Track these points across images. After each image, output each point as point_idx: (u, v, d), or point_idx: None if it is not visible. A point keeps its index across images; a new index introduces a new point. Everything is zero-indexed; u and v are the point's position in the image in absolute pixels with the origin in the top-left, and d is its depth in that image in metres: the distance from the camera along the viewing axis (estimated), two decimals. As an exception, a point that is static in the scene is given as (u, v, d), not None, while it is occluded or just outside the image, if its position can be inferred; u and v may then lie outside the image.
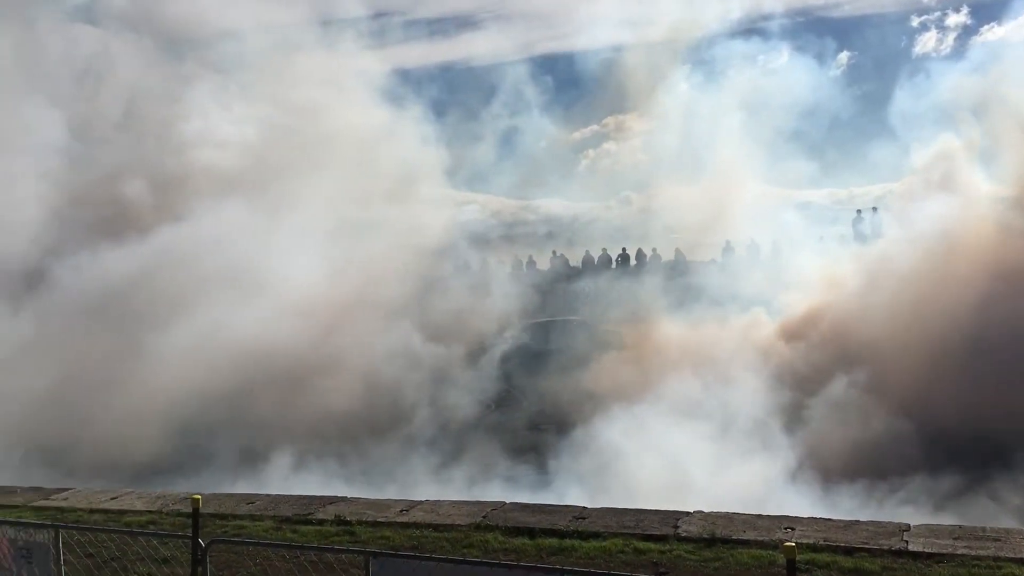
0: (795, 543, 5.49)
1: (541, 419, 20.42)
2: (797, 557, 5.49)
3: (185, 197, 23.32)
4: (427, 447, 19.25)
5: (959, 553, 8.33)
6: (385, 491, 14.81)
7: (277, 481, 16.18)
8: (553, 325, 26.88)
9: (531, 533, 9.58)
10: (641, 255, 33.19)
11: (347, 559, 7.97)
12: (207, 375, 19.63)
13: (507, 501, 11.05)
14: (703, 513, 9.99)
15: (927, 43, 45.42)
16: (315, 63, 27.63)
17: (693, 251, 32.01)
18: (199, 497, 6.93)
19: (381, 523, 10.26)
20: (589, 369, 21.99)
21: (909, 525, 9.32)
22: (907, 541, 8.71)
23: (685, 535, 9.24)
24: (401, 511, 10.70)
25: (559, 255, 37.01)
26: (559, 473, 17.19)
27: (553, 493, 15.56)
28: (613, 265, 33.57)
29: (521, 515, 10.25)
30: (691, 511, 10.10)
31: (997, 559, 8.13)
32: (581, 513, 10.21)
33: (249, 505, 11.26)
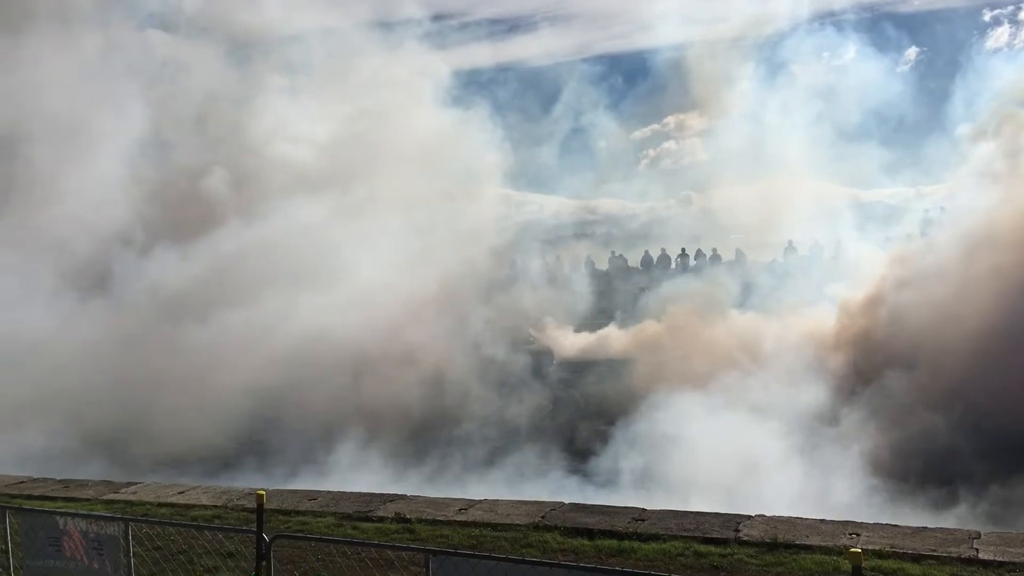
0: (861, 549, 5.37)
1: (598, 419, 20.30)
2: (863, 563, 5.38)
3: (259, 194, 24.00)
4: (485, 446, 19.30)
5: (1033, 562, 8.09)
6: (444, 489, 14.89)
7: (338, 476, 16.38)
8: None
9: (590, 534, 9.55)
10: (700, 255, 32.90)
11: (407, 557, 8.05)
12: (273, 369, 20.11)
13: (566, 501, 11.04)
14: (765, 517, 9.85)
15: (999, 38, 44.05)
16: (378, 65, 28.05)
17: (754, 251, 31.64)
18: (264, 493, 7.04)
19: (440, 521, 10.33)
20: (646, 369, 21.85)
21: (980, 532, 9.08)
22: (977, 549, 8.46)
23: (746, 539, 9.12)
24: (460, 510, 10.76)
25: (618, 255, 36.90)
26: (616, 473, 17.09)
27: (612, 494, 15.48)
28: (673, 265, 33.33)
29: (580, 516, 10.22)
30: (752, 514, 9.97)
31: (1073, 569, 7.88)
32: (640, 515, 10.14)
33: (311, 501, 11.42)
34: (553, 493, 15.07)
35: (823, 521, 9.63)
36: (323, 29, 28.99)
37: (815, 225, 28.32)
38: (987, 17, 44.55)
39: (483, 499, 11.35)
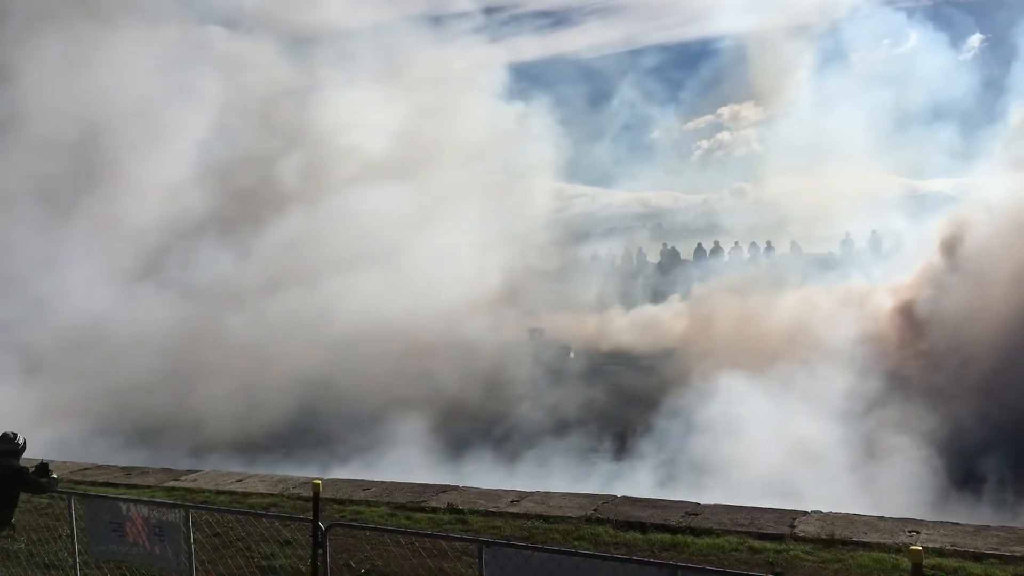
0: (921, 547, 5.27)
1: (649, 412, 20.15)
2: (923, 562, 5.27)
3: (322, 185, 24.55)
4: (536, 437, 19.29)
5: (1100, 563, 7.86)
6: (496, 480, 14.92)
7: (391, 466, 16.50)
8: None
9: (642, 527, 9.52)
10: (754, 247, 32.49)
11: (460, 547, 8.10)
12: (330, 356, 20.50)
13: (618, 495, 11.00)
14: (821, 513, 9.73)
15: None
16: (435, 58, 28.31)
17: (809, 243, 31.17)
18: (319, 482, 7.14)
19: (492, 513, 10.37)
20: (695, 363, 21.66)
21: (1045, 531, 8.86)
22: (1042, 548, 8.26)
23: (802, 535, 9.02)
24: (512, 501, 10.79)
25: (670, 248, 36.64)
26: (667, 466, 16.96)
27: (662, 487, 15.37)
28: (726, 258, 32.96)
29: (632, 509, 10.19)
30: (808, 510, 9.85)
31: None
32: (694, 509, 10.08)
33: (365, 491, 11.55)
34: (604, 486, 15.01)
35: (881, 518, 9.47)
36: (379, 23, 29.33)
37: (873, 216, 27.75)
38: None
39: (535, 491, 11.37)
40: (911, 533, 8.85)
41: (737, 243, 33.35)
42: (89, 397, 18.93)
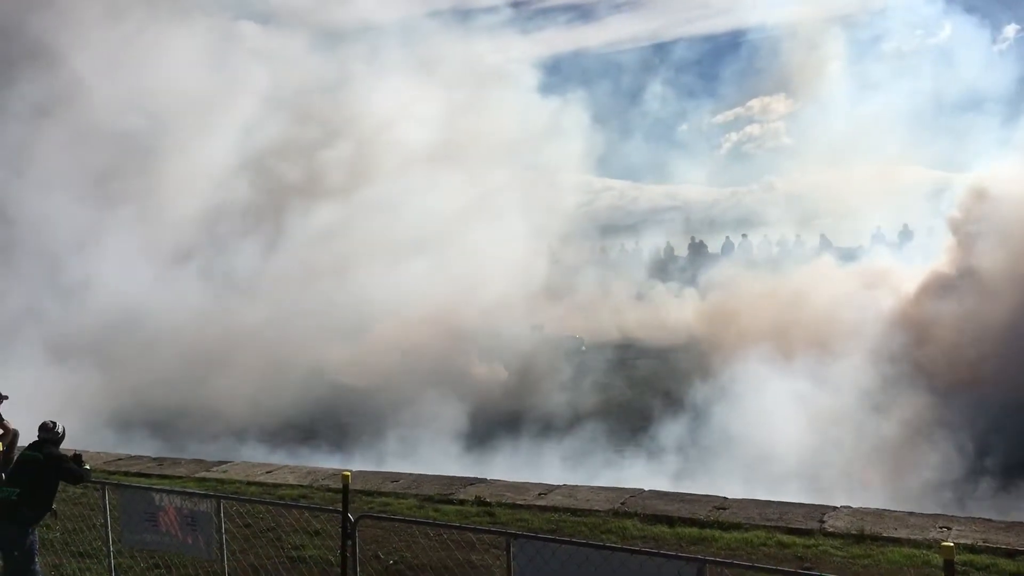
0: (953, 543, 5.23)
1: (676, 406, 20.07)
2: (955, 558, 5.23)
3: (358, 177, 24.87)
4: (563, 431, 19.29)
5: None
6: (522, 473, 14.95)
7: (419, 457, 16.58)
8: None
9: (670, 521, 9.50)
10: (783, 241, 32.25)
11: (488, 540, 8.13)
12: (356, 349, 20.72)
13: (645, 488, 10.98)
14: (851, 508, 9.66)
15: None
16: (466, 52, 28.46)
17: (839, 237, 30.87)
18: (349, 474, 7.20)
19: (520, 506, 10.40)
20: (718, 355, 21.56)
21: (1079, 528, 8.73)
22: (1076, 545, 8.16)
23: (832, 530, 8.96)
24: (539, 495, 10.81)
25: (697, 241, 36.47)
26: (694, 460, 16.89)
27: (691, 481, 15.31)
28: (754, 251, 32.75)
29: (660, 503, 10.18)
30: (838, 505, 9.79)
31: None
32: (722, 503, 10.05)
33: (393, 483, 11.62)
34: (626, 473, 14.99)
35: (911, 514, 9.40)
36: (409, 17, 29.57)
37: (905, 211, 27.43)
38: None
39: (562, 484, 11.38)
40: (942, 529, 8.77)
41: (766, 237, 33.14)
42: (119, 384, 19.24)
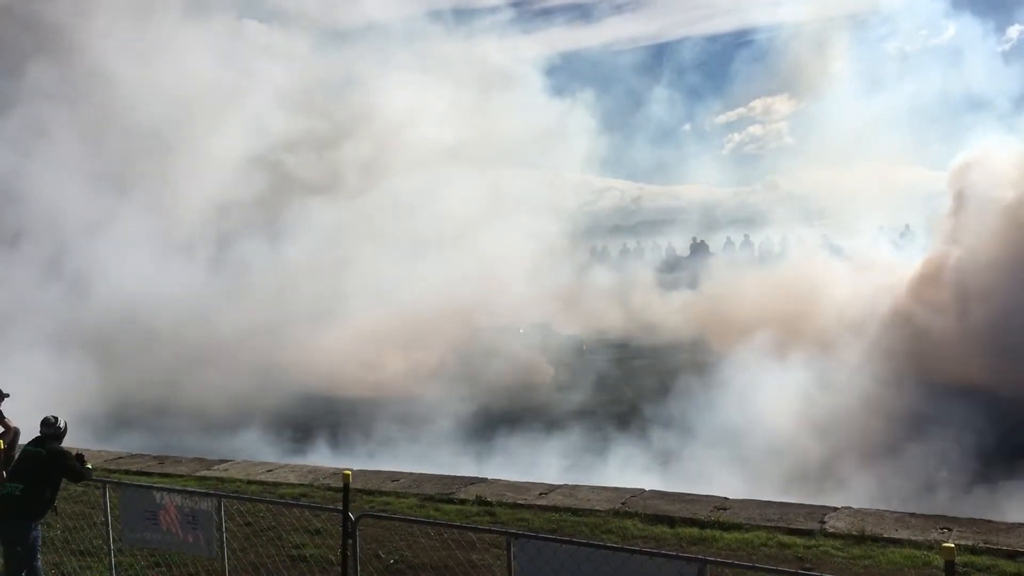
0: (954, 544, 5.22)
1: (676, 406, 20.06)
2: (956, 559, 5.22)
3: (367, 173, 25.10)
4: (563, 430, 19.30)
5: None
6: (523, 473, 14.96)
7: (416, 458, 16.59)
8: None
9: (671, 521, 9.49)
10: (785, 242, 32.24)
11: (489, 539, 8.13)
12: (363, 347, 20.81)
13: (646, 488, 10.98)
14: (851, 509, 9.66)
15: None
16: (470, 50, 28.56)
17: (841, 237, 30.83)
18: (350, 472, 7.21)
19: (520, 505, 10.40)
20: (723, 356, 21.59)
21: (1080, 529, 8.72)
22: (1077, 547, 8.14)
23: (832, 531, 8.95)
24: (540, 494, 10.81)
25: (699, 241, 36.49)
26: (695, 459, 16.89)
27: (691, 480, 15.30)
28: (755, 252, 32.77)
29: (661, 503, 10.17)
30: (839, 506, 9.78)
31: None
32: (722, 503, 10.05)
33: (394, 483, 11.61)
34: (626, 473, 14.99)
35: (912, 515, 9.39)
36: (415, 16, 29.73)
37: (907, 211, 27.45)
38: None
39: (563, 484, 11.38)
40: (943, 530, 8.76)
41: (767, 237, 33.15)
42: (119, 378, 19.31)
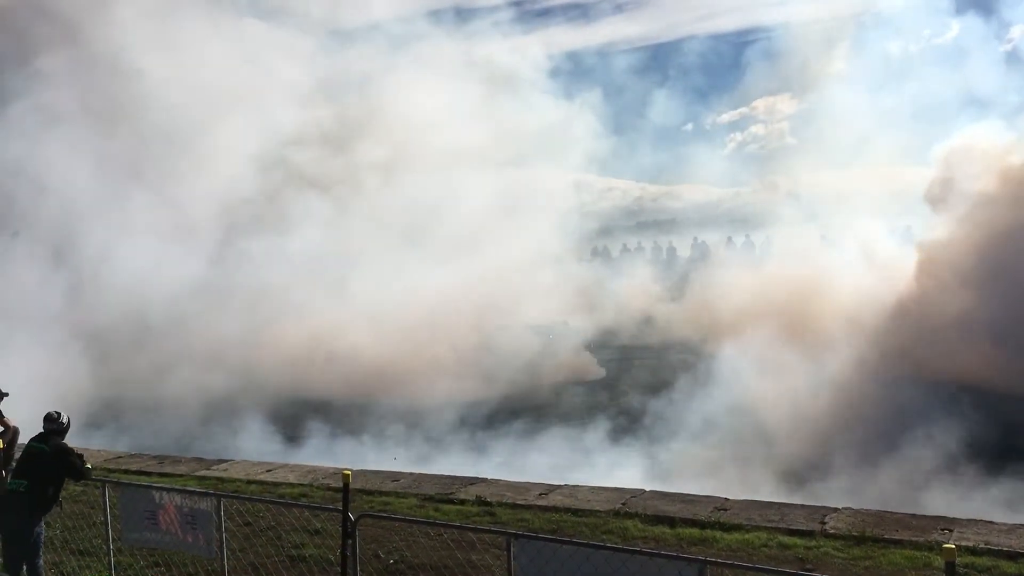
0: (954, 545, 5.20)
1: (675, 404, 20.04)
2: (957, 560, 5.20)
3: (374, 171, 25.34)
4: (564, 430, 19.28)
5: None
6: (523, 473, 14.95)
7: (417, 458, 16.58)
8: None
9: (671, 522, 9.48)
10: (786, 242, 32.20)
11: (489, 539, 8.11)
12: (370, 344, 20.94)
13: (647, 489, 10.96)
14: (852, 510, 9.64)
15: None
16: (471, 50, 28.62)
17: (842, 237, 30.79)
18: (349, 472, 7.19)
19: (520, 505, 10.38)
20: (723, 355, 21.56)
21: (1081, 530, 8.69)
22: (1078, 548, 8.12)
23: (833, 532, 8.94)
24: (540, 495, 10.79)
25: (700, 241, 36.50)
26: (695, 459, 16.86)
27: (691, 480, 15.28)
28: (756, 252, 32.76)
29: (661, 503, 10.15)
30: (839, 507, 9.76)
31: None
32: (723, 504, 10.03)
33: (394, 483, 11.60)
34: (626, 473, 14.98)
35: (913, 516, 9.37)
36: (400, 16, 29.83)
37: (908, 211, 27.40)
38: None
39: (563, 484, 11.36)
40: (944, 531, 8.74)
41: (768, 237, 33.11)
42: (125, 373, 19.35)
